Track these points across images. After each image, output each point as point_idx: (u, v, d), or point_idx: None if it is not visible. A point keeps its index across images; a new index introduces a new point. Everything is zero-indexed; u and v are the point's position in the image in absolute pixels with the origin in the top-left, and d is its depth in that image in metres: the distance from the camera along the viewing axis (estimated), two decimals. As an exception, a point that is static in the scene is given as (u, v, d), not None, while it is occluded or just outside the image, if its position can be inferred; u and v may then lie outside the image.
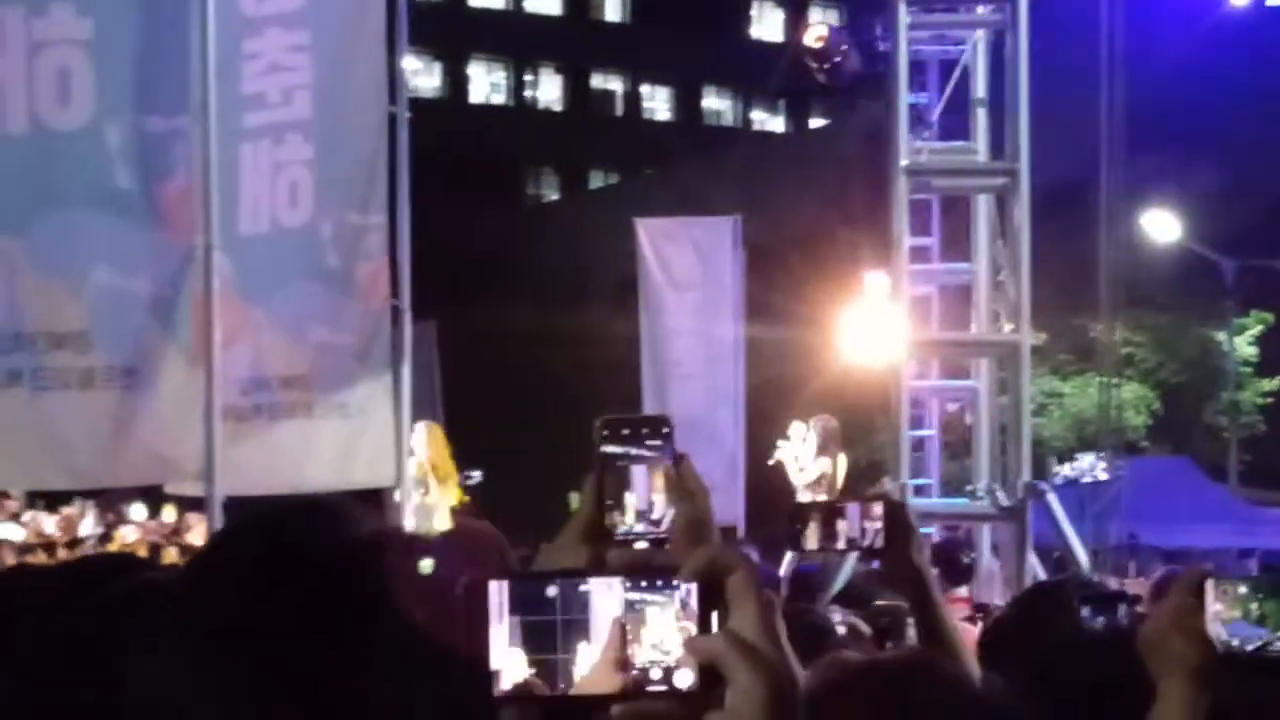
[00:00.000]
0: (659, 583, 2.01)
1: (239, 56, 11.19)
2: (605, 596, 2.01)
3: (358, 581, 2.00)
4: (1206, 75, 37.21)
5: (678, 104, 68.14)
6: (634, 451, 2.43)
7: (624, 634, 1.99)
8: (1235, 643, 13.04)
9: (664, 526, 2.29)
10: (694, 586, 2.00)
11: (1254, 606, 23.63)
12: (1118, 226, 22.25)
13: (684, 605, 2.00)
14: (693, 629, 1.99)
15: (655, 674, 1.99)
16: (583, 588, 2.01)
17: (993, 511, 15.86)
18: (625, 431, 2.44)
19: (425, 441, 16.16)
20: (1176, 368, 40.38)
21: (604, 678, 1.99)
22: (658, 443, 2.47)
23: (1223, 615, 15.73)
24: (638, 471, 2.39)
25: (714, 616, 2.00)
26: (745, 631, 1.96)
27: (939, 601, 5.00)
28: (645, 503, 2.33)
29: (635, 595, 2.00)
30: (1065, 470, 20.64)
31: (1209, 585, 3.32)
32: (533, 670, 1.99)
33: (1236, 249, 36.60)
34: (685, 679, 1.98)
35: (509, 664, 1.98)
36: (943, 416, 19.91)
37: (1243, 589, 24.73)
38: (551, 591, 2.01)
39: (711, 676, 1.96)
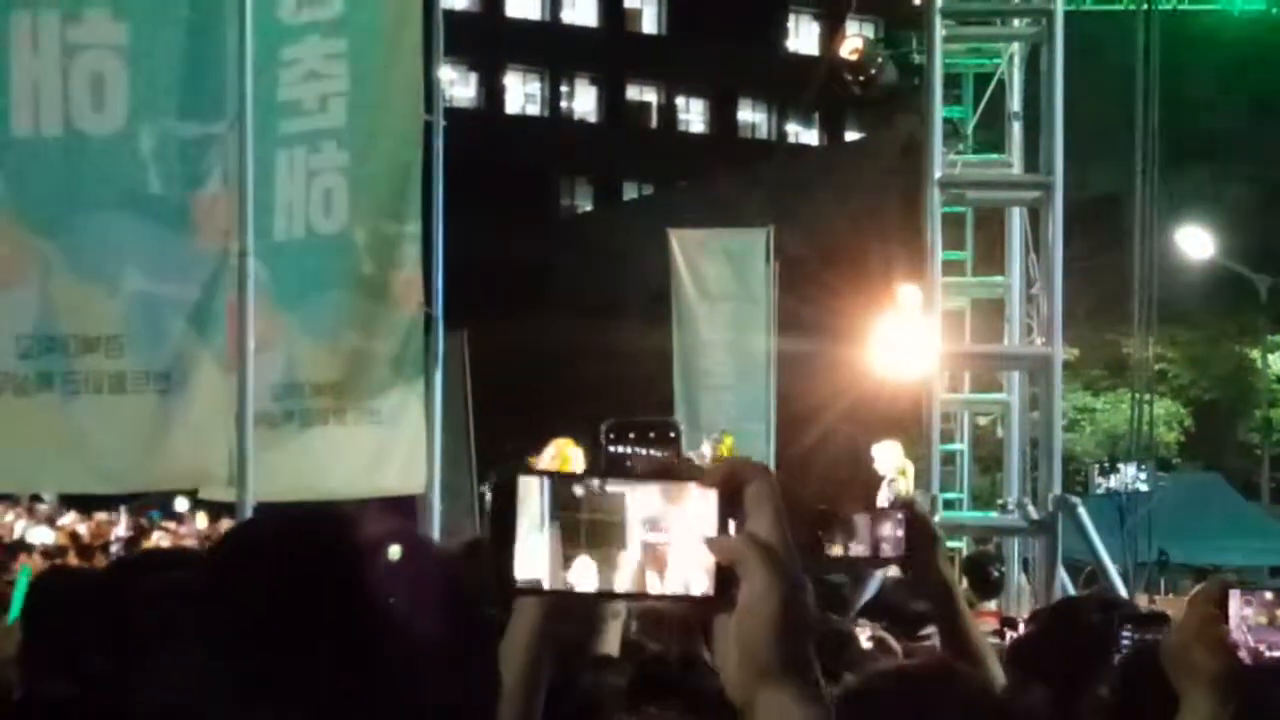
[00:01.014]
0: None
1: (276, 63, 11.23)
2: (637, 498, 2.05)
3: (367, 588, 2.02)
4: (1242, 91, 37.11)
5: (712, 116, 68.14)
6: (640, 450, 2.44)
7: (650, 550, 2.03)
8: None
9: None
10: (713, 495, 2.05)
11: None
12: (1151, 242, 22.20)
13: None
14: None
15: (670, 578, 2.03)
16: (614, 489, 2.04)
17: (1023, 525, 15.83)
18: (632, 435, 2.45)
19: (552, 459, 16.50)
20: (1209, 384, 40.25)
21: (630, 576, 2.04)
22: (664, 448, 2.48)
23: (1251, 621, 15.60)
24: None
25: (731, 523, 2.05)
26: (763, 535, 2.03)
27: (964, 611, 5.02)
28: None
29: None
30: (1108, 482, 20.58)
31: (1234, 594, 3.32)
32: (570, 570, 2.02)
33: (1270, 266, 36.49)
34: (700, 584, 2.03)
35: (553, 566, 2.01)
36: (974, 432, 19.91)
37: (1269, 595, 24.59)
38: (581, 491, 2.04)
39: (723, 583, 2.01)
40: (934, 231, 15.55)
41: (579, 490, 2.05)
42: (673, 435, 2.53)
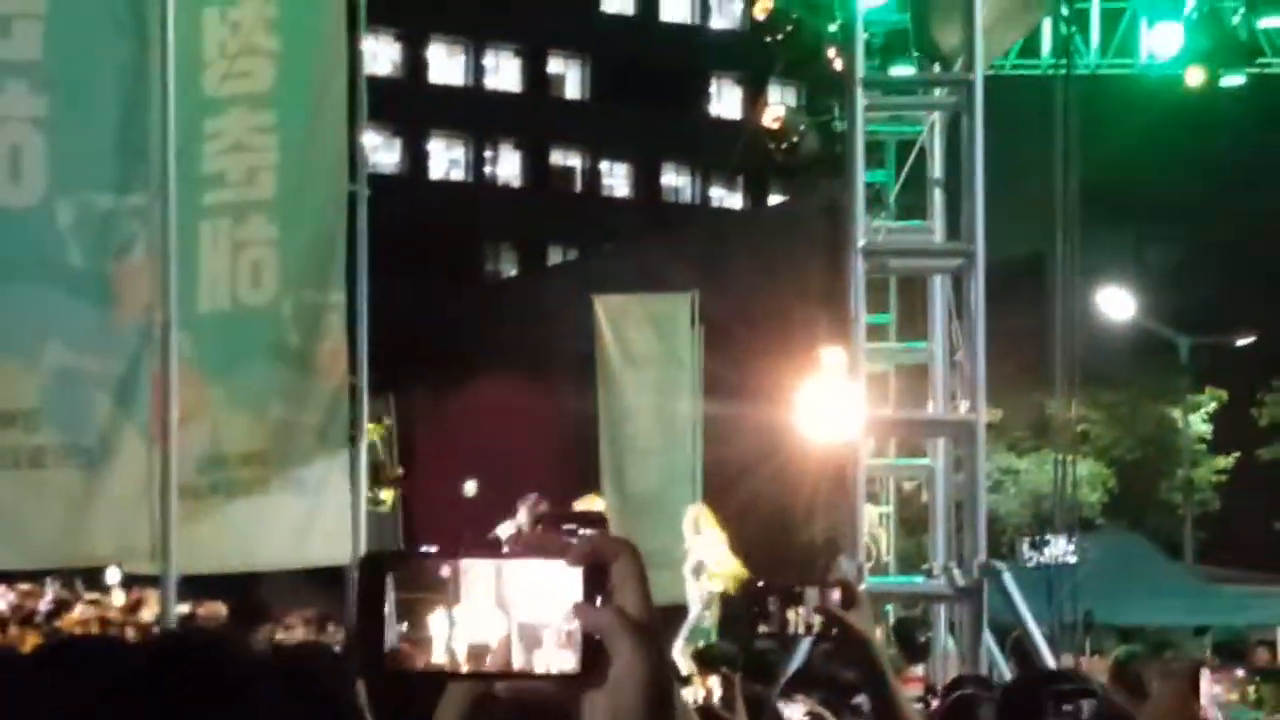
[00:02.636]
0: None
1: (199, 136, 11.18)
2: (478, 571, 2.07)
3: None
4: (1159, 156, 37.49)
5: (637, 180, 68.34)
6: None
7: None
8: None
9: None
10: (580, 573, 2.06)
11: (1251, 690, 23.63)
12: (1072, 304, 22.34)
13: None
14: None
15: (539, 657, 2.04)
16: (478, 566, 2.06)
17: (948, 592, 15.85)
18: (564, 526, 2.47)
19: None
20: (1131, 445, 40.50)
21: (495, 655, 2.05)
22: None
23: (1220, 699, 15.70)
24: None
25: (598, 600, 2.06)
26: (630, 610, 2.04)
27: (893, 680, 5.06)
28: None
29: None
30: (1038, 556, 20.67)
31: (1205, 674, 3.35)
32: (409, 640, 2.04)
33: (1190, 327, 36.80)
34: (567, 662, 2.04)
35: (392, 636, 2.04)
36: (900, 495, 19.95)
37: (1240, 672, 24.72)
38: (447, 571, 2.06)
39: (592, 658, 2.02)
40: (858, 299, 15.61)
41: (445, 570, 2.07)
42: (604, 522, 2.55)
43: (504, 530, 19.64)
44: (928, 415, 17.56)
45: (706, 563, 20.42)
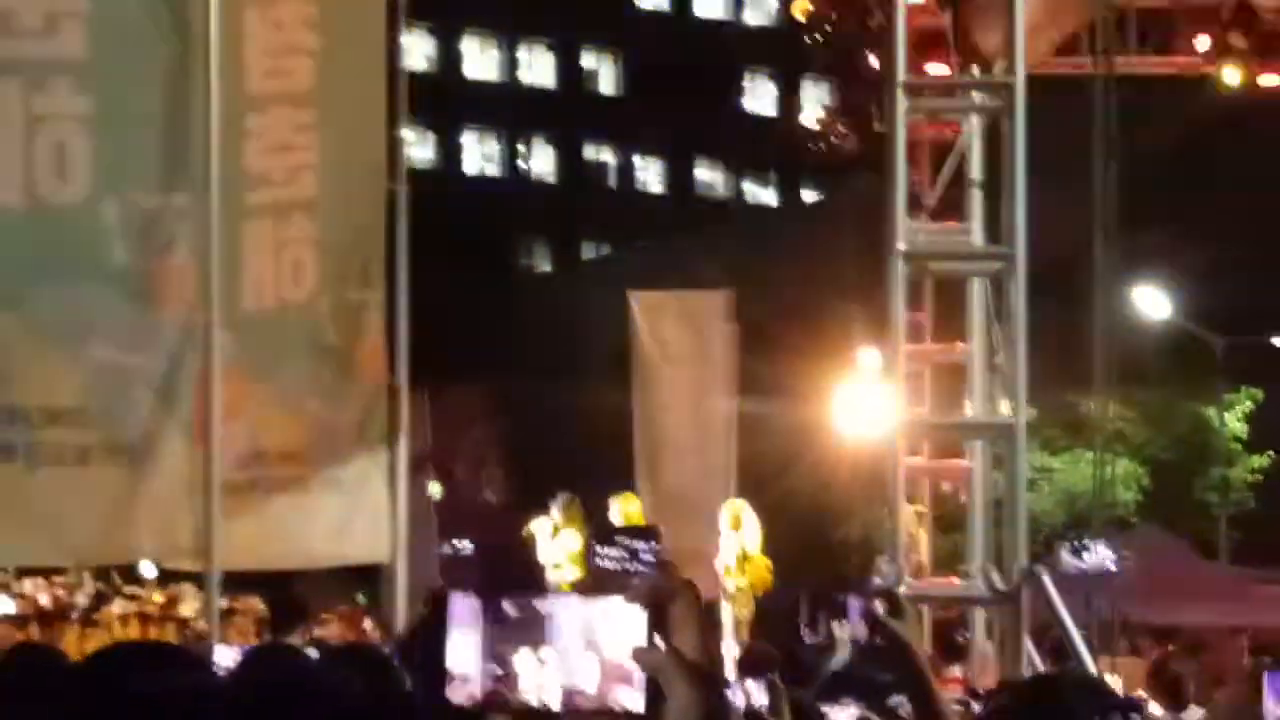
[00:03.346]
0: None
1: (241, 134, 11.21)
2: (566, 615, 2.11)
3: None
4: (1196, 155, 37.39)
5: (670, 176, 68.29)
6: (629, 566, 2.49)
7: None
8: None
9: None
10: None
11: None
12: (1110, 303, 22.27)
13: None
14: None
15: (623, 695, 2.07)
16: (542, 606, 2.10)
17: (987, 595, 15.81)
18: (617, 540, 2.50)
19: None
20: (1166, 444, 40.34)
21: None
22: (652, 549, 2.52)
23: None
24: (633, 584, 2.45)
25: (658, 638, 2.10)
26: (686, 651, 2.07)
27: (935, 686, 5.09)
28: None
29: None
30: (1078, 562, 20.57)
31: (1269, 675, 3.35)
32: (498, 679, 2.07)
33: (1226, 326, 36.66)
34: (634, 701, 2.07)
35: (478, 673, 2.07)
36: (935, 494, 19.89)
37: None
38: (513, 609, 2.10)
39: (652, 697, 2.05)
40: (897, 303, 15.58)
41: (510, 609, 2.11)
42: (656, 542, 2.58)
43: (538, 526, 19.64)
44: (967, 419, 17.50)
45: (736, 559, 20.41)
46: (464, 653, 2.08)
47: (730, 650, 17.77)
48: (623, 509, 20.22)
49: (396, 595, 13.05)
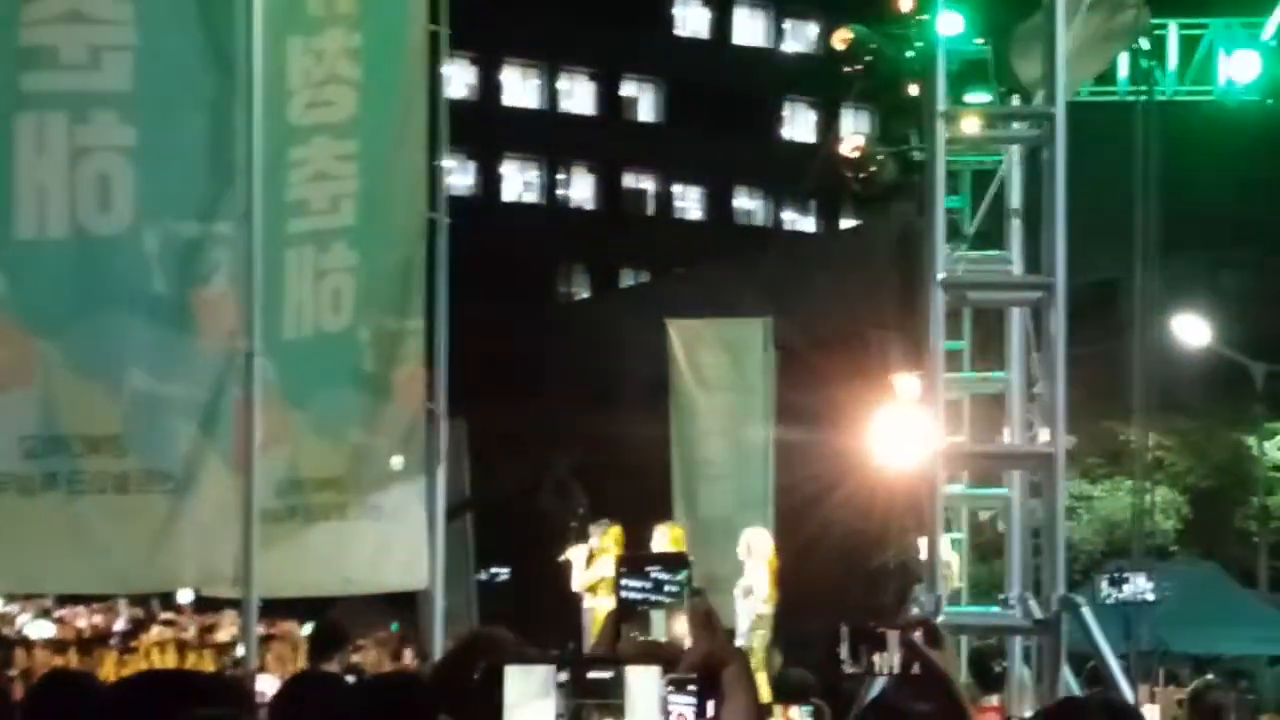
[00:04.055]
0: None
1: (284, 164, 11.29)
2: (637, 685, 2.14)
3: None
4: (1236, 182, 37.31)
5: (709, 203, 68.35)
6: (653, 597, 2.51)
7: None
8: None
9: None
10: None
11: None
12: (1149, 331, 22.24)
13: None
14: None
15: None
16: (603, 675, 2.13)
17: (1026, 624, 15.78)
18: (645, 569, 2.52)
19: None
20: (1206, 472, 40.20)
21: None
22: (677, 581, 2.55)
23: None
24: (657, 616, 2.49)
25: (709, 704, 2.13)
26: (738, 718, 2.11)
27: (969, 712, 5.09)
28: None
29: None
30: (1116, 593, 20.50)
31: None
32: None
33: (1266, 354, 36.55)
34: None
35: None
36: (973, 522, 19.86)
37: None
38: (564, 677, 2.13)
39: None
40: (936, 332, 15.57)
41: (563, 677, 2.15)
42: (684, 570, 2.61)
43: (575, 554, 19.64)
44: (1006, 448, 17.47)
45: (756, 586, 20.38)
46: None
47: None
48: (669, 535, 20.17)
49: (434, 622, 13.10)
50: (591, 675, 2.15)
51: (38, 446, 10.48)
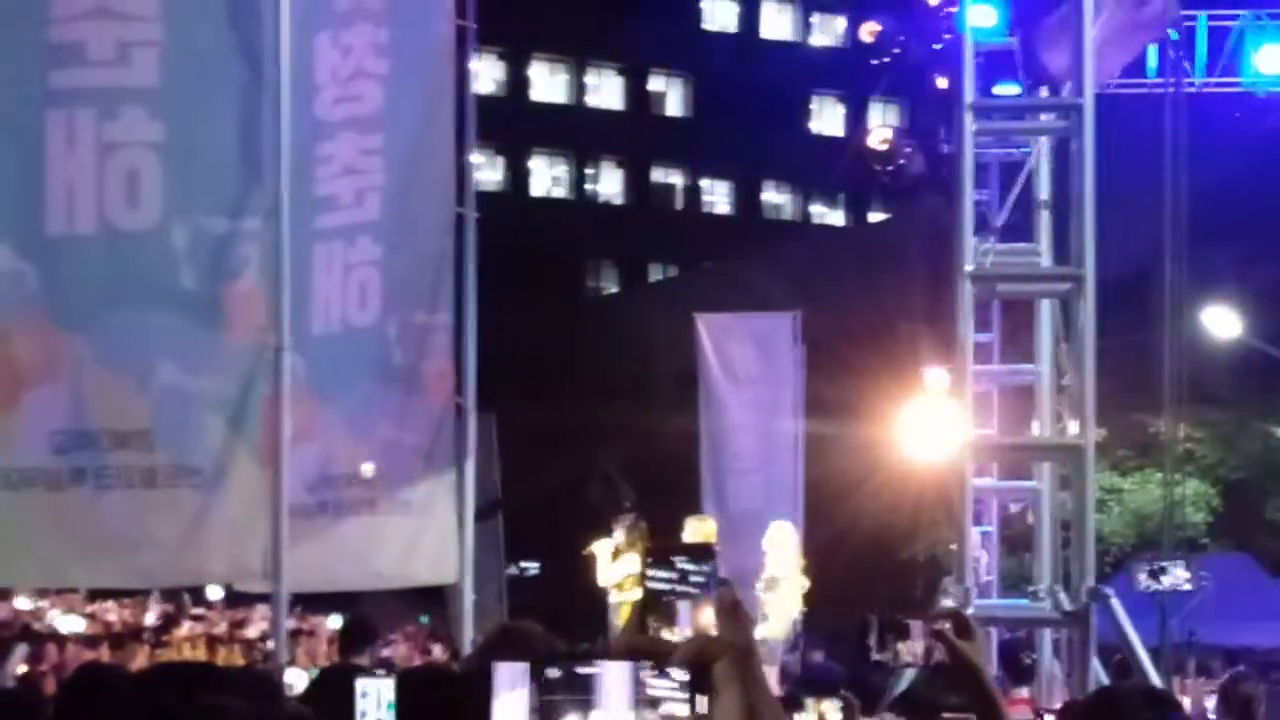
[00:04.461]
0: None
1: (312, 159, 11.31)
2: (612, 678, 2.13)
3: None
4: (1265, 173, 37.17)
5: (737, 198, 68.34)
6: (679, 588, 2.51)
7: None
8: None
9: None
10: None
11: None
12: (1179, 322, 22.20)
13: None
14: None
15: None
16: (587, 670, 2.12)
17: (1055, 616, 15.76)
18: (671, 560, 2.52)
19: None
20: (1237, 464, 40.09)
21: None
22: (703, 572, 2.55)
23: None
24: (683, 607, 2.49)
25: (699, 698, 2.12)
26: (729, 714, 2.09)
27: (1005, 708, 5.08)
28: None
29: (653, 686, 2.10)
30: (1155, 585, 20.44)
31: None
32: None
33: (1297, 346, 36.43)
34: None
35: None
36: (1003, 514, 19.82)
37: None
38: (556, 673, 2.12)
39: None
40: (965, 323, 15.56)
41: (553, 672, 2.14)
42: (711, 560, 2.60)
43: (600, 548, 19.56)
44: (1035, 440, 17.44)
45: (780, 578, 20.26)
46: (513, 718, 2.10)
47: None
48: (698, 529, 20.07)
49: (463, 616, 13.12)
50: (580, 670, 2.14)
51: (67, 441, 10.51)
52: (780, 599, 19.97)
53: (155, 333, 10.73)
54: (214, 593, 23.20)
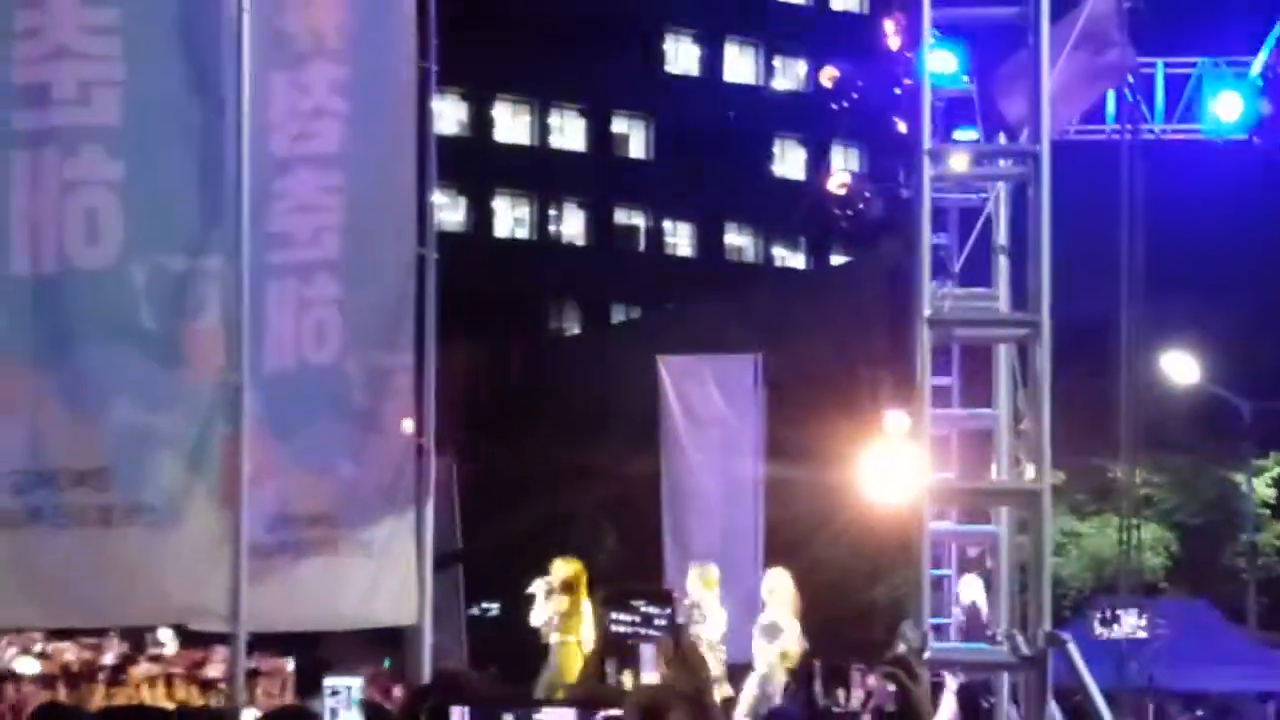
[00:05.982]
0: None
1: (267, 195, 11.29)
2: None
3: None
4: (1225, 220, 37.40)
5: (700, 240, 68.48)
6: (642, 631, 2.54)
7: None
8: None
9: None
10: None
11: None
12: (1137, 368, 22.29)
13: None
14: None
15: None
16: (538, 718, 2.15)
17: (1013, 660, 15.78)
18: (631, 604, 2.56)
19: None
20: (1195, 509, 40.22)
21: None
22: (664, 616, 2.58)
23: None
24: (646, 649, 2.52)
25: None
26: None
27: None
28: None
29: None
30: (1109, 632, 20.51)
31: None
32: None
33: (1254, 391, 36.59)
34: None
35: None
36: (962, 557, 19.86)
37: None
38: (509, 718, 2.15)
39: None
40: (924, 368, 15.59)
41: (509, 718, 2.17)
42: (669, 606, 2.64)
43: (537, 587, 19.16)
44: (993, 484, 17.48)
45: (782, 625, 19.98)
46: None
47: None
48: (702, 577, 19.77)
49: (422, 658, 13.08)
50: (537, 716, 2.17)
51: (24, 481, 10.48)
52: (782, 645, 19.78)
53: (114, 370, 10.71)
54: (165, 634, 23.00)
